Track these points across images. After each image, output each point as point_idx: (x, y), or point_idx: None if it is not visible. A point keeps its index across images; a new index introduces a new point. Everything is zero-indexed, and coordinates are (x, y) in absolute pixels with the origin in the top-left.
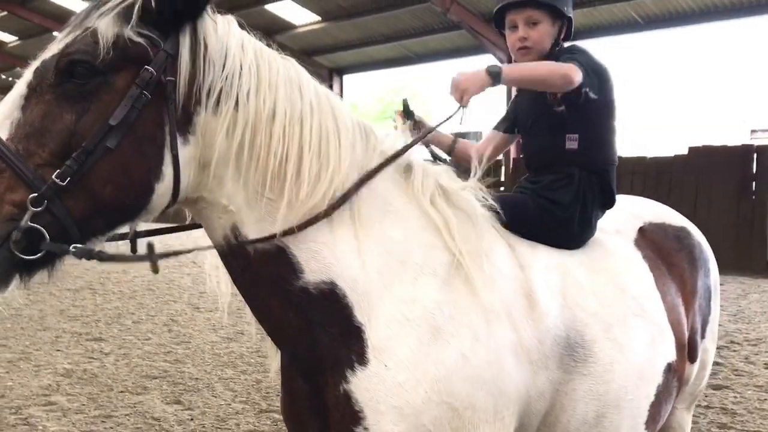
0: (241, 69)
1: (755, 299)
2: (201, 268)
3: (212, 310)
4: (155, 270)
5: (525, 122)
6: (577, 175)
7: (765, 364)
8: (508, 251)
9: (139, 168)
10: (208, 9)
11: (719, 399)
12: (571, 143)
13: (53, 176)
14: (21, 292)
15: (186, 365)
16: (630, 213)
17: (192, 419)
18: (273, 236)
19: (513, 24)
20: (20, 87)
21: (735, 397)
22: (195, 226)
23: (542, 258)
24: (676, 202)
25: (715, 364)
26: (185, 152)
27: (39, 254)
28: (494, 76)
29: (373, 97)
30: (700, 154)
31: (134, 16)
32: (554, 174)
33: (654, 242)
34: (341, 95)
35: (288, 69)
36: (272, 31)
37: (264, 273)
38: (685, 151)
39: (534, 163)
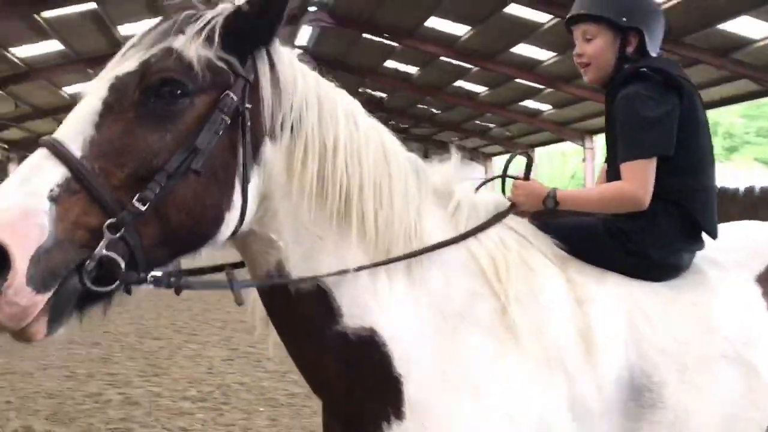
0: (307, 99)
1: None
2: None
3: None
4: (239, 302)
5: (609, 145)
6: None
7: None
8: (563, 286)
9: (213, 195)
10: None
11: None
12: None
13: (134, 200)
14: None
15: None
16: (763, 243)
17: None
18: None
19: (575, 39)
20: (92, 103)
21: None
22: (241, 264)
23: (609, 288)
24: None
25: None
26: (252, 182)
27: (113, 285)
28: (549, 204)
29: None
30: None
31: (216, 39)
32: None
33: None
34: None
35: (344, 100)
36: (726, 49)
37: (302, 313)
38: None
39: None
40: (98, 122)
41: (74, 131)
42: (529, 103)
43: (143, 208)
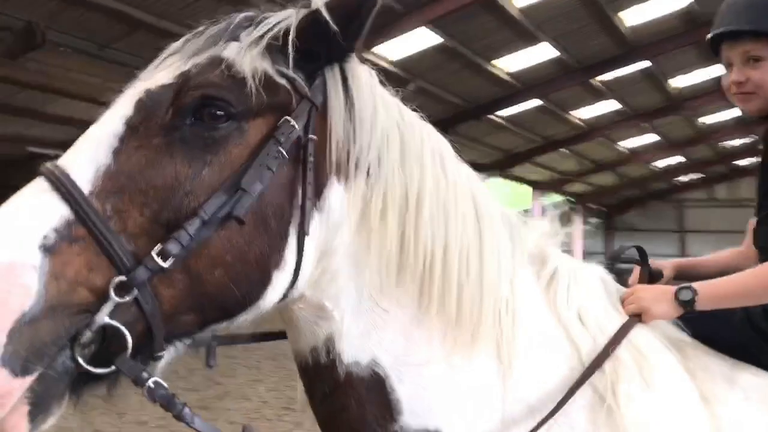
0: (389, 135)
1: None
2: None
3: None
4: None
5: (763, 194)
6: None
7: None
8: (681, 376)
9: (260, 249)
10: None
11: None
12: None
13: (153, 253)
14: None
15: None
16: None
17: None
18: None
19: (728, 61)
20: (112, 123)
21: None
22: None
23: (745, 383)
24: None
25: None
26: (312, 234)
27: (108, 369)
28: (685, 305)
29: None
30: None
31: (280, 49)
32: None
33: None
34: None
35: (431, 137)
36: None
37: (351, 406)
38: None
39: (763, 258)
40: (117, 148)
41: (85, 159)
42: None
43: (166, 264)
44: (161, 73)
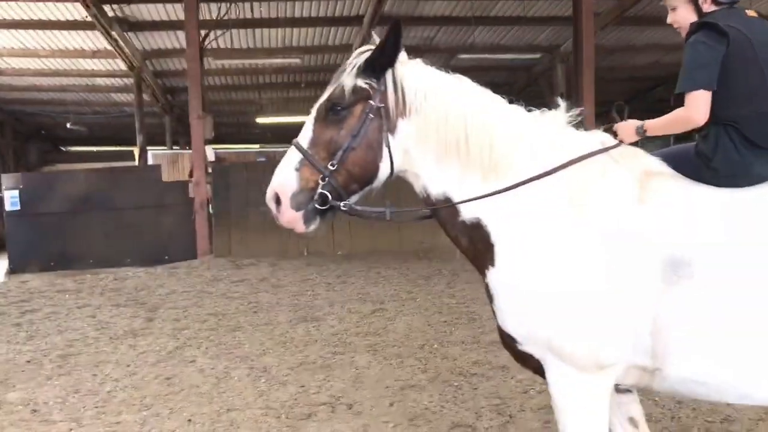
0: (426, 91)
1: None
2: None
3: None
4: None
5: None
6: (712, 131)
7: None
8: (629, 187)
9: (371, 155)
10: (401, 59)
11: None
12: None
13: (328, 165)
14: None
15: None
16: None
17: None
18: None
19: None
20: (311, 117)
21: None
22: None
23: (678, 192)
24: None
25: None
26: (394, 144)
27: (327, 206)
28: (640, 133)
29: None
30: None
31: (359, 72)
32: (707, 128)
33: None
34: None
35: (458, 85)
36: None
37: (442, 214)
38: None
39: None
40: (312, 128)
41: (304, 134)
42: None
43: (333, 168)
44: (326, 93)
